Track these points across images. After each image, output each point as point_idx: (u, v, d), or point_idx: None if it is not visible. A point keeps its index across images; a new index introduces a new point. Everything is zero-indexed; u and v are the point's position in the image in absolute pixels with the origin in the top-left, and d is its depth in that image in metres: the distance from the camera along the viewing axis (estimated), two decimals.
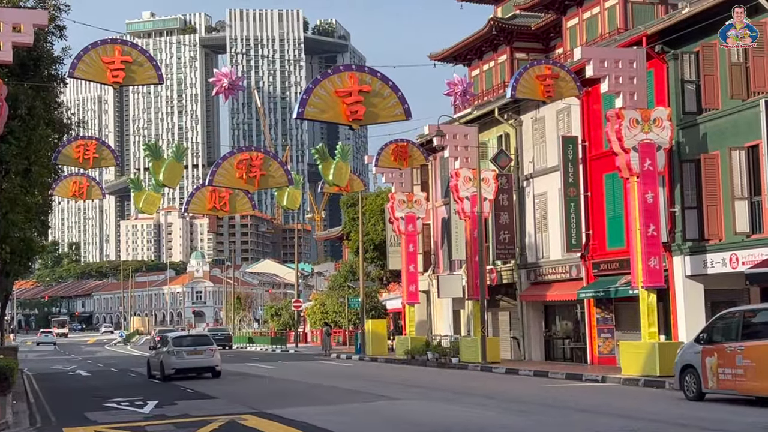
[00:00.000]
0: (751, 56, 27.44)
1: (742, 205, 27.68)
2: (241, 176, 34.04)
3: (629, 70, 29.09)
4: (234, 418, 18.54)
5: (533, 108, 38.72)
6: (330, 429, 16.16)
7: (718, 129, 28.86)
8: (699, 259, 29.52)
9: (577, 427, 16.17)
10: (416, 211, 46.97)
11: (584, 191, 35.62)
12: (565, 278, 36.99)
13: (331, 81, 26.04)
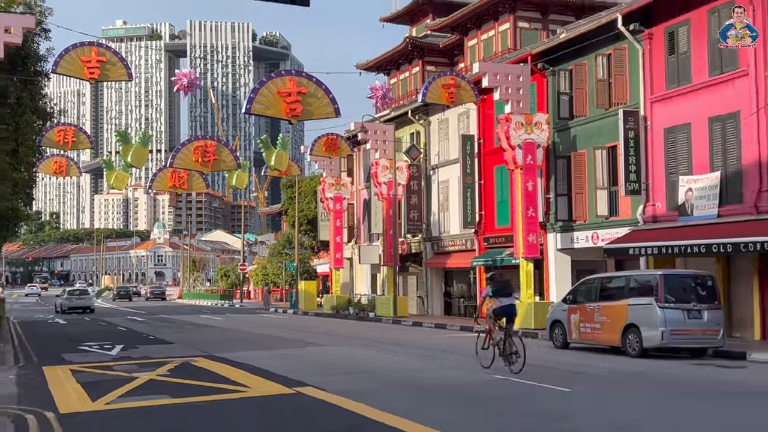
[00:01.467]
0: (614, 74, 28.07)
1: (602, 193, 28.36)
2: (197, 160, 34.44)
3: (516, 82, 29.57)
4: (188, 360, 18.58)
5: (439, 111, 39.00)
6: (268, 369, 16.32)
7: (585, 132, 29.48)
8: (567, 236, 30.19)
9: (469, 369, 16.64)
10: (343, 192, 47.18)
11: (478, 180, 36.07)
12: (462, 249, 37.43)
13: (274, 83, 26.05)
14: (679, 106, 25.31)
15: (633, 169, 26.42)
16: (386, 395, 12.55)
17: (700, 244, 22.48)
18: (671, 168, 25.54)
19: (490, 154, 34.93)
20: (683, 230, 24.00)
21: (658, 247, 24.00)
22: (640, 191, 26.47)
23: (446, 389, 13.58)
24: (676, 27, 25.47)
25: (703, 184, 24.04)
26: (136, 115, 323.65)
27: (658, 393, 13.17)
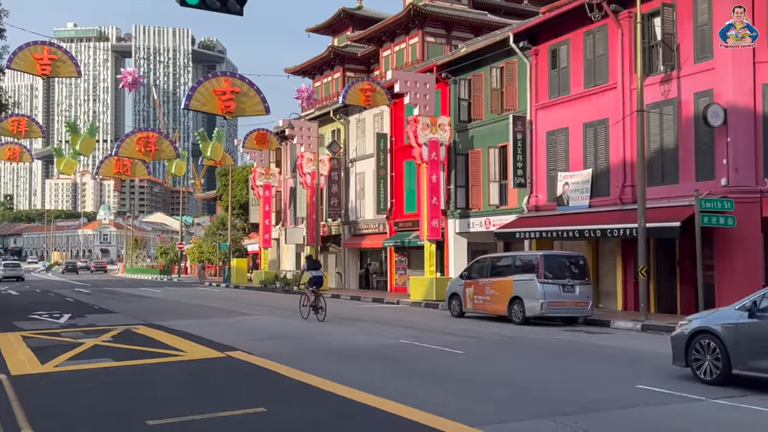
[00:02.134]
0: (505, 84, 28.65)
1: (494, 186, 28.96)
2: (140, 150, 34.50)
3: (424, 89, 29.94)
4: (129, 327, 18.33)
5: (357, 111, 39.11)
6: (202, 336, 16.23)
7: (481, 133, 30.04)
8: (465, 221, 30.77)
9: (380, 334, 16.87)
10: (272, 181, 46.95)
11: (390, 172, 36.42)
12: (375, 232, 37.74)
13: (210, 82, 25.75)
14: (559, 113, 26.02)
15: (520, 166, 27.09)
16: (304, 357, 12.71)
17: (574, 230, 23.30)
18: (551, 165, 26.27)
19: (401, 150, 35.28)
20: (560, 218, 24.77)
21: (540, 232, 24.75)
22: (526, 184, 27.16)
23: (356, 352, 13.77)
24: (558, 45, 26.16)
25: (578, 179, 24.82)
26: (84, 109, 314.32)
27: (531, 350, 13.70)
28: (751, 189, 20.05)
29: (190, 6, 14.76)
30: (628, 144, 23.09)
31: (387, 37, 42.92)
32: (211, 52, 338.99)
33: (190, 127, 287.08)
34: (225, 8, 15.35)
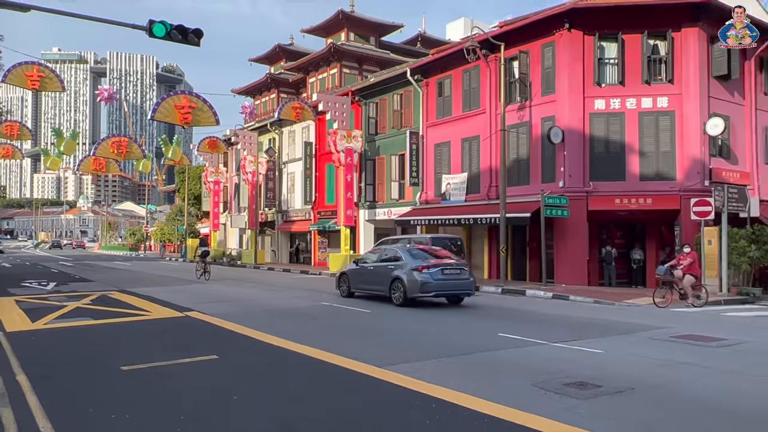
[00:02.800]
0: (404, 107, 28.99)
1: (395, 184, 29.33)
2: (114, 151, 34.31)
3: (341, 108, 29.94)
4: (105, 293, 17.68)
5: (289, 125, 38.71)
6: (165, 300, 15.85)
7: (385, 144, 30.32)
8: (372, 211, 31.03)
9: (306, 298, 16.79)
10: (220, 178, 45.87)
11: (315, 172, 36.25)
12: (303, 219, 37.55)
13: (172, 99, 25.12)
14: (444, 130, 26.58)
15: (414, 169, 27.53)
16: (247, 316, 12.61)
17: (454, 218, 23.90)
18: (438, 169, 26.82)
19: (323, 155, 35.17)
20: (444, 209, 25.35)
21: (429, 220, 25.27)
22: (419, 183, 27.64)
23: (288, 311, 13.74)
24: (443, 79, 26.67)
25: (457, 180, 25.46)
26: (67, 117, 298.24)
27: (424, 311, 13.94)
28: (580, 190, 21.04)
29: (157, 38, 14.43)
30: (493, 155, 23.82)
31: (313, 68, 42.57)
32: (172, 75, 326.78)
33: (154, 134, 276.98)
34: (186, 41, 15.06)
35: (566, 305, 15.74)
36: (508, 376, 7.18)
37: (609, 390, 6.46)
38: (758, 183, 21.91)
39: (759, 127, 22.25)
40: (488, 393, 6.26)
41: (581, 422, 5.32)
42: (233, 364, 7.86)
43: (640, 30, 20.71)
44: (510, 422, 5.29)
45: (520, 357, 8.32)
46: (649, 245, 22.09)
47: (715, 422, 5.45)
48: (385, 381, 6.83)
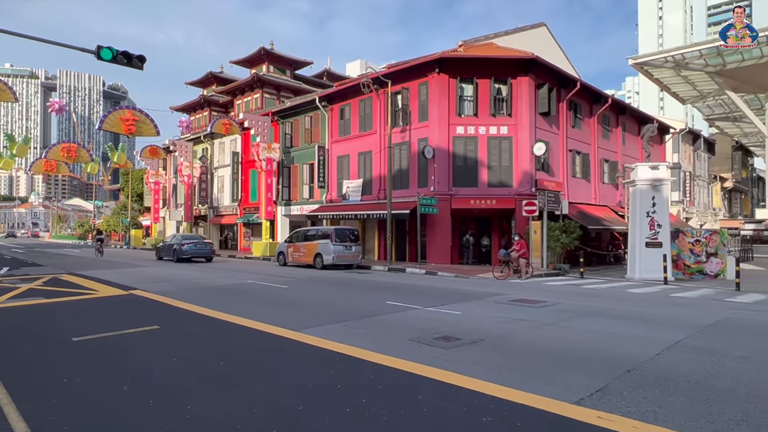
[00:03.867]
0: (313, 126, 28.63)
1: (306, 187, 28.85)
2: (64, 155, 31.56)
3: (263, 125, 29.05)
4: (56, 276, 15.98)
5: (220, 137, 37.02)
6: (111, 280, 14.63)
7: (298, 155, 29.77)
8: (288, 208, 30.37)
9: (233, 277, 16.13)
10: (160, 179, 42.89)
11: (241, 176, 34.89)
12: (231, 213, 36.06)
13: (118, 112, 23.25)
14: (345, 145, 26.54)
15: (321, 176, 27.27)
16: (184, 293, 11.93)
17: (352, 214, 23.94)
18: (340, 176, 26.74)
19: (248, 162, 33.90)
20: (344, 207, 25.32)
21: (333, 215, 25.15)
22: (325, 187, 27.41)
23: (219, 288, 13.15)
24: (344, 106, 26.59)
25: (354, 184, 25.52)
26: (19, 125, 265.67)
27: (327, 284, 13.97)
28: (446, 193, 21.80)
29: (104, 60, 13.22)
30: (382, 166, 24.11)
31: (239, 92, 40.90)
32: (117, 92, 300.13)
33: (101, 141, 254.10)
34: (130, 64, 13.93)
35: (435, 279, 16.27)
36: (392, 333, 7.32)
37: (466, 341, 6.77)
38: (568, 190, 23.81)
39: (568, 151, 24.17)
40: (377, 347, 6.36)
41: (447, 365, 5.55)
42: (172, 333, 7.41)
43: (489, 77, 21.78)
44: (394, 368, 5.41)
45: (401, 319, 8.50)
46: (494, 234, 23.28)
47: (539, 361, 5.88)
48: (300, 341, 6.74)
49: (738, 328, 7.92)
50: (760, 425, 3.97)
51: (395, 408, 4.26)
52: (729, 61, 35.49)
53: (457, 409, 4.23)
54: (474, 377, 5.10)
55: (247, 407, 4.32)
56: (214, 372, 5.35)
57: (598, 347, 6.51)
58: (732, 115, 46.37)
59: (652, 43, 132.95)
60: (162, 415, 4.20)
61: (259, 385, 4.92)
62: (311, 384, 4.90)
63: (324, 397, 4.53)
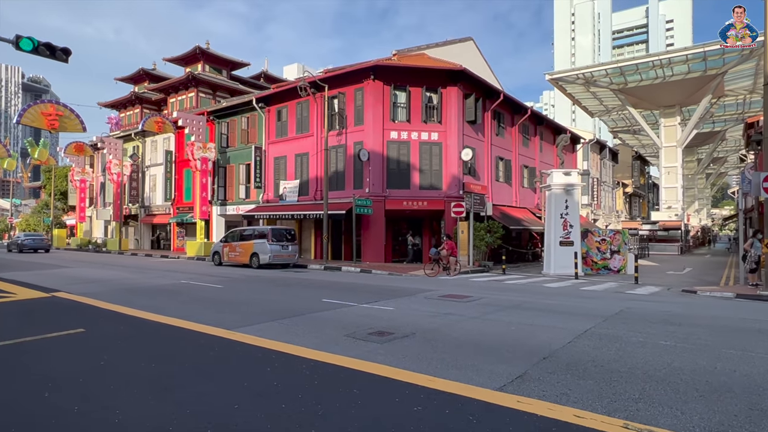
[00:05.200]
0: (250, 127, 27.82)
1: (243, 187, 27.99)
2: None
3: (198, 125, 27.86)
4: None
5: (152, 135, 35.05)
6: (32, 282, 13.40)
7: (235, 155, 28.82)
8: (224, 208, 29.33)
9: (166, 277, 15.31)
10: (87, 177, 39.86)
11: (174, 175, 33.24)
12: (163, 213, 34.23)
13: (39, 106, 21.49)
14: (282, 147, 26.05)
15: (258, 176, 26.58)
16: (111, 294, 11.16)
17: (289, 214, 23.55)
18: (277, 176, 26.21)
19: (182, 161, 32.38)
20: (281, 207, 24.85)
21: (269, 215, 24.61)
22: (262, 187, 26.75)
23: (150, 289, 12.45)
24: (282, 108, 26.11)
25: (291, 185, 25.11)
26: None
27: (263, 283, 13.64)
28: (380, 194, 22.00)
29: (24, 51, 12.05)
30: (319, 167, 23.90)
31: (173, 90, 38.86)
32: (38, 85, 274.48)
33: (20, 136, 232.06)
34: (54, 56, 12.80)
35: (370, 277, 16.36)
36: (328, 330, 7.27)
37: (399, 335, 6.85)
38: (492, 193, 24.83)
39: (493, 157, 25.21)
40: (313, 344, 6.29)
41: (381, 359, 5.59)
42: (99, 335, 6.88)
43: (421, 85, 22.23)
44: (329, 364, 5.37)
45: (337, 316, 8.46)
46: (425, 234, 23.81)
47: (466, 352, 6.07)
48: (235, 340, 6.51)
49: (636, 317, 8.62)
50: (654, 401, 4.34)
51: (331, 402, 4.23)
52: (630, 80, 38.58)
53: (390, 401, 4.27)
54: (406, 369, 5.18)
55: (180, 409, 4.11)
56: (145, 375, 5.04)
57: (518, 337, 6.83)
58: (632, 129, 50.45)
59: (566, 61, 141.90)
60: (87, 421, 3.90)
61: (193, 386, 4.70)
62: (247, 382, 4.75)
63: (260, 395, 4.41)
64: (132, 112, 43.34)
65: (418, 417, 3.92)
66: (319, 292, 11.80)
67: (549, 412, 4.01)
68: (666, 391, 4.58)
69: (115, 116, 40.42)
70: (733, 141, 56.33)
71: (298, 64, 41.93)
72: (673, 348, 6.27)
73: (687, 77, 35.99)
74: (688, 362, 5.59)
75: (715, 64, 33.64)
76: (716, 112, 44.66)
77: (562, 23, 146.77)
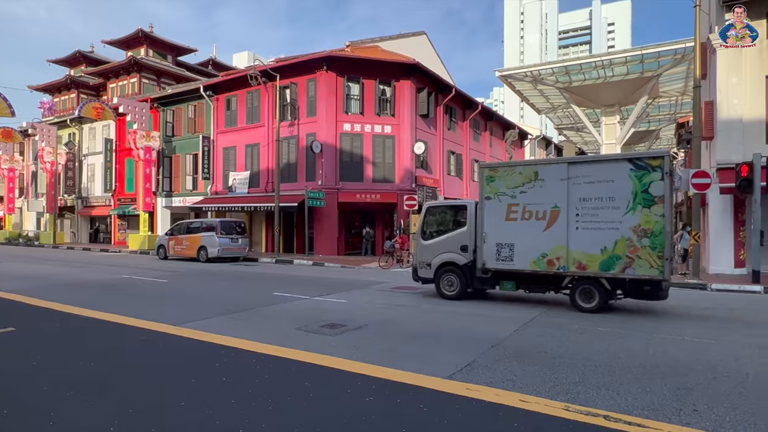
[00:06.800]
0: (197, 116, 26.78)
1: (190, 178, 26.92)
2: None
3: (141, 112, 26.55)
4: None
5: (90, 121, 33.02)
6: None
7: (181, 144, 27.68)
8: (169, 199, 28.14)
9: (106, 272, 14.54)
10: (16, 165, 36.99)
11: (116, 165, 31.53)
12: (103, 204, 32.41)
13: None
14: (231, 137, 25.29)
15: (206, 167, 25.70)
16: (46, 290, 10.48)
17: (239, 206, 22.95)
18: (226, 167, 25.44)
19: (123, 150, 30.75)
20: (231, 199, 24.18)
21: (218, 207, 23.87)
22: (210, 178, 25.89)
23: (88, 284, 11.79)
24: (231, 96, 25.32)
25: (241, 176, 24.47)
26: None
27: (212, 277, 13.26)
28: (333, 187, 21.86)
29: None
30: (270, 158, 23.43)
31: (113, 75, 36.75)
32: None
33: None
34: None
35: (322, 269, 16.27)
36: (279, 323, 7.17)
37: (351, 327, 6.86)
38: (444, 186, 25.25)
39: (445, 151, 25.62)
40: (264, 337, 6.19)
41: (333, 351, 5.57)
42: (31, 334, 6.44)
43: (375, 77, 22.20)
44: (280, 357, 5.30)
45: (288, 309, 8.36)
46: (378, 226, 23.92)
47: (417, 342, 6.15)
48: (181, 336, 6.29)
49: None
50: (593, 384, 4.58)
51: (282, 396, 4.17)
52: (574, 79, 40.23)
53: (341, 392, 4.27)
54: (358, 361, 5.19)
55: (123, 408, 3.92)
56: (84, 374, 4.77)
57: (467, 327, 7.01)
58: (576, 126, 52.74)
59: (515, 59, 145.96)
60: (19, 427, 3.65)
61: (136, 384, 4.50)
62: (194, 379, 4.60)
63: (208, 391, 4.29)
64: (67, 97, 40.65)
65: (370, 407, 3.94)
66: (271, 285, 11.61)
67: (496, 398, 4.15)
68: (603, 375, 4.85)
69: (48, 101, 37.69)
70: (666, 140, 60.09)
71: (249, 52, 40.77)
72: (609, 334, 6.64)
73: (626, 78, 37.97)
74: (624, 347, 5.95)
75: (651, 66, 35.67)
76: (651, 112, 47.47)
77: (512, 22, 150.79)
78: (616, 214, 7.91)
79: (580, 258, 8.18)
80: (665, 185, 7.61)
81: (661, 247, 7.64)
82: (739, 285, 11.64)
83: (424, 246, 10.03)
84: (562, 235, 8.28)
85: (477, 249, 9.27)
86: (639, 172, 7.80)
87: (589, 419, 3.75)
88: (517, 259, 8.72)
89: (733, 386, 4.55)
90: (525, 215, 8.62)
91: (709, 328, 7.12)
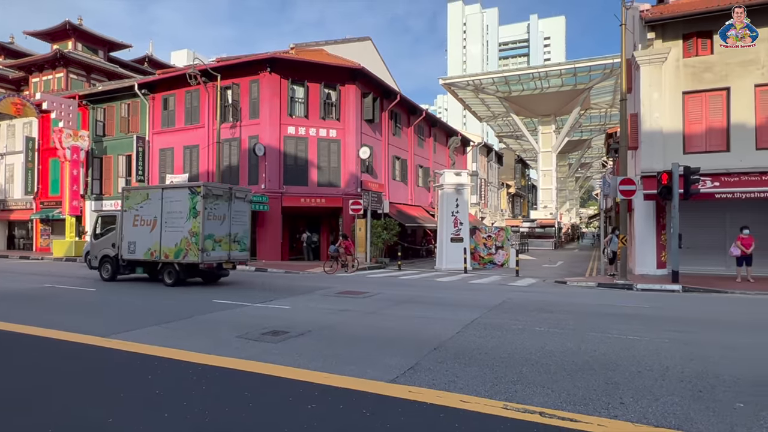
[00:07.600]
0: (131, 115, 25.46)
1: (122, 180, 25.52)
2: None
3: (68, 110, 24.88)
4: None
5: (8, 119, 30.47)
6: None
7: (113, 145, 26.16)
8: (99, 203, 26.46)
9: (25, 282, 13.41)
10: None
11: (38, 165, 29.24)
12: (24, 208, 29.91)
13: None
14: (168, 137, 24.23)
15: (140, 168, 24.43)
16: None
17: None
18: (162, 169, 24.31)
19: (47, 150, 28.64)
20: None
21: None
22: (145, 180, 24.62)
23: (8, 295, 10.79)
24: (169, 96, 24.27)
25: (179, 179, 23.46)
26: None
27: (144, 284, 12.56)
28: (276, 191, 21.47)
29: None
30: (211, 161, 22.66)
31: (37, 69, 34.13)
32: None
33: None
34: None
35: (265, 275, 15.89)
36: (218, 332, 6.91)
37: (294, 334, 6.73)
38: (389, 191, 25.47)
39: (390, 156, 25.86)
40: (202, 347, 5.94)
41: (274, 359, 5.44)
42: None
43: (320, 81, 22.07)
44: (219, 367, 5.11)
45: (228, 317, 8.09)
46: (323, 231, 23.73)
47: (361, 347, 6.14)
48: (109, 348, 5.90)
49: (517, 306, 9.40)
50: (529, 382, 4.76)
51: (220, 407, 4.01)
52: (513, 89, 41.93)
53: (283, 400, 4.17)
54: (301, 368, 5.10)
55: (44, 429, 3.62)
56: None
57: (411, 330, 7.08)
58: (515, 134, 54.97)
59: (458, 68, 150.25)
60: None
61: (60, 401, 4.16)
62: (123, 393, 4.33)
63: (139, 405, 4.04)
64: None
65: (313, 415, 3.87)
66: (210, 292, 11.24)
67: (438, 400, 4.21)
68: (539, 373, 5.05)
69: None
70: (596, 149, 63.96)
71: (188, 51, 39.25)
72: (546, 333, 6.94)
73: (561, 90, 40.11)
74: (558, 345, 6.23)
75: (583, 79, 37.92)
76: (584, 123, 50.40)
77: (455, 32, 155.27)
78: (182, 222, 12.32)
79: (165, 251, 12.52)
80: (201, 203, 12.09)
81: (198, 243, 12.05)
82: (661, 285, 12.55)
83: (93, 243, 14.31)
84: (158, 236, 12.65)
85: (120, 245, 13.37)
86: (192, 195, 12.23)
87: (526, 416, 3.88)
88: (138, 252, 13.00)
89: (655, 379, 4.89)
90: (142, 222, 12.93)
91: (635, 325, 7.62)
